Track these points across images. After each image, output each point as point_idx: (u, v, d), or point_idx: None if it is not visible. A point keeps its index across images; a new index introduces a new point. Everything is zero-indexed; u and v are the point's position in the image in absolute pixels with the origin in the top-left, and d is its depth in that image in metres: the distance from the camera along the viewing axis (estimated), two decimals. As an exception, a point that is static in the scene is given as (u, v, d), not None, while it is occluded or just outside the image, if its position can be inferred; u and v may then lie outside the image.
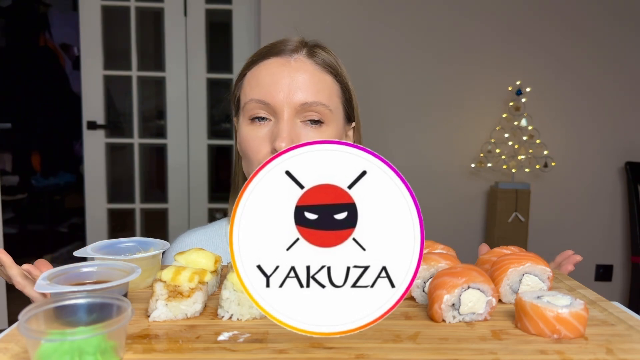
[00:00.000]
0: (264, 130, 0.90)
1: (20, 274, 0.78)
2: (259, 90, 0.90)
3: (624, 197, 2.99)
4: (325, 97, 0.91)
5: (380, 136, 2.86)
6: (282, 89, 0.88)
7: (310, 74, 0.91)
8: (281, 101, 0.88)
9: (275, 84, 0.89)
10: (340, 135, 0.95)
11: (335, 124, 0.93)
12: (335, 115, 0.93)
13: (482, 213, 2.97)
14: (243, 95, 0.94)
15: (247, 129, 0.92)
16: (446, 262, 0.68)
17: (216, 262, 0.70)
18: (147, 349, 0.53)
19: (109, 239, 0.78)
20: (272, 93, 0.88)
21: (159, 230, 3.16)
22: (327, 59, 0.94)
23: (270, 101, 0.88)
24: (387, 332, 0.58)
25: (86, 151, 3.02)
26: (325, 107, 0.90)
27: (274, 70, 0.90)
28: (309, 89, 0.89)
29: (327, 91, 0.92)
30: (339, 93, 0.95)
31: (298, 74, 0.90)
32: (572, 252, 0.94)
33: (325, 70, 0.93)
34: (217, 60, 3.06)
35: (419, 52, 2.86)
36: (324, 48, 0.95)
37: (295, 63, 0.91)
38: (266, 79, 0.90)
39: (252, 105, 0.90)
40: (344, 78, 0.96)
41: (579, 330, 0.57)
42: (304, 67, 0.91)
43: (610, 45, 2.89)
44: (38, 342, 0.46)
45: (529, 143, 2.83)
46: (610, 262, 3.04)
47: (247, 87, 0.93)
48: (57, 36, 4.29)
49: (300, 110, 0.89)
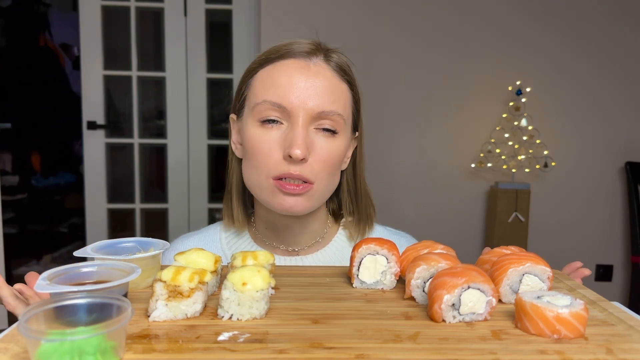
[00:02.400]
0: (275, 134, 0.86)
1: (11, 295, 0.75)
2: (275, 92, 0.86)
3: (624, 197, 2.99)
4: (341, 106, 0.89)
5: (380, 136, 2.86)
6: (300, 93, 0.85)
7: (329, 80, 0.88)
8: (297, 106, 0.85)
9: (292, 87, 0.85)
10: (347, 144, 0.93)
11: (346, 134, 0.91)
12: (347, 125, 0.92)
13: (482, 213, 2.97)
14: (253, 95, 0.90)
15: (256, 131, 0.87)
16: (446, 262, 0.68)
17: (216, 262, 0.71)
18: (147, 349, 0.53)
19: (109, 239, 0.77)
20: (289, 96, 0.85)
21: (159, 230, 3.16)
22: (344, 66, 0.92)
23: (286, 105, 0.85)
24: (387, 332, 0.58)
25: (86, 151, 3.02)
26: (340, 116, 0.88)
27: (291, 72, 0.87)
28: (327, 97, 0.87)
29: (342, 100, 0.90)
30: (351, 102, 0.93)
31: (317, 79, 0.87)
32: (580, 265, 0.91)
33: (342, 78, 0.91)
34: (217, 60, 3.06)
35: (419, 53, 2.85)
36: (341, 53, 0.93)
37: (315, 67, 0.88)
38: (282, 81, 0.86)
39: (265, 106, 0.86)
40: (357, 87, 0.94)
41: (579, 331, 0.57)
42: (322, 73, 0.88)
43: (610, 45, 2.89)
44: (38, 342, 0.46)
45: (529, 143, 2.83)
46: (610, 262, 3.04)
47: (260, 87, 0.89)
48: (57, 36, 4.28)
49: (315, 118, 0.86)
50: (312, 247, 1.00)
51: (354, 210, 1.01)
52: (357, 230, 1.01)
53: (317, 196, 0.89)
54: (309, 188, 0.86)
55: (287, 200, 0.86)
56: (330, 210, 1.04)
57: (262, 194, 0.89)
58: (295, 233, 0.97)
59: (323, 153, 0.87)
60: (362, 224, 1.01)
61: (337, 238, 1.02)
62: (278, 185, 0.86)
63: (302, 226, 0.97)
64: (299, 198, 0.86)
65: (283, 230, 0.97)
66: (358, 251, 0.75)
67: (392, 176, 2.90)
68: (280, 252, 0.99)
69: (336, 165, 0.91)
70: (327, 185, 0.91)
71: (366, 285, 0.74)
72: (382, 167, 2.87)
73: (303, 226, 0.97)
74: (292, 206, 0.87)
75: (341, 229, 1.03)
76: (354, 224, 1.01)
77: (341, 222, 1.04)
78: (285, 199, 0.86)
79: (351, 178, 1.00)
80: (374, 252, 0.75)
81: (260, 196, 0.90)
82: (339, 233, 1.03)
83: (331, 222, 1.03)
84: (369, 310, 0.65)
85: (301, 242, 0.99)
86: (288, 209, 0.87)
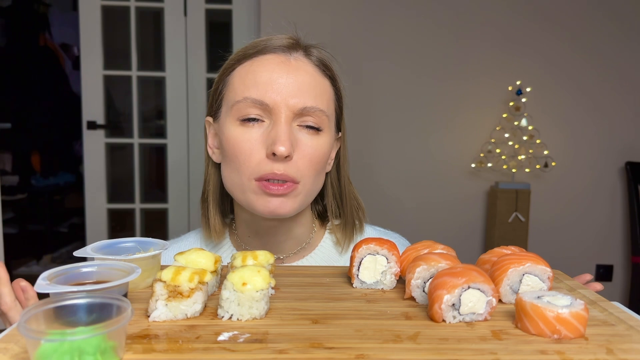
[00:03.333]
0: (257, 133, 0.83)
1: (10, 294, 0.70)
2: (256, 89, 0.82)
3: (624, 197, 2.99)
4: (324, 103, 0.86)
5: (380, 136, 2.86)
6: (281, 89, 0.82)
7: (311, 75, 0.85)
8: (279, 102, 0.82)
9: (273, 83, 0.82)
10: (332, 143, 0.90)
11: (330, 132, 0.88)
12: (331, 122, 0.89)
13: (482, 213, 2.97)
14: (231, 93, 0.86)
15: (236, 130, 0.84)
16: (446, 262, 0.68)
17: (216, 262, 0.70)
18: (147, 349, 0.53)
19: (109, 239, 0.77)
20: (270, 93, 0.82)
21: (159, 230, 3.16)
22: (325, 61, 0.89)
23: (268, 102, 0.82)
24: (387, 332, 0.58)
25: (86, 151, 3.02)
26: (323, 113, 0.85)
27: (271, 67, 0.84)
28: (309, 93, 0.84)
29: (325, 97, 0.87)
30: (334, 99, 0.90)
31: (298, 74, 0.84)
32: (590, 277, 0.87)
33: (324, 74, 0.88)
34: (217, 60, 3.04)
35: (420, 52, 2.85)
36: (322, 48, 0.90)
37: (295, 62, 0.85)
38: (263, 77, 0.83)
39: (245, 104, 0.83)
40: (338, 83, 0.91)
41: (579, 331, 0.57)
42: (304, 68, 0.85)
43: (610, 45, 2.89)
44: (38, 342, 0.46)
45: (529, 143, 2.83)
46: (610, 262, 3.04)
47: (239, 85, 0.85)
48: (57, 36, 4.29)
49: (298, 115, 0.83)
50: (298, 254, 0.96)
51: (340, 214, 0.97)
52: (344, 235, 0.97)
53: (303, 196, 0.86)
54: (294, 188, 0.83)
55: (272, 202, 0.82)
56: (316, 214, 1.00)
57: (245, 197, 0.85)
58: (280, 239, 0.93)
59: (308, 150, 0.84)
60: (348, 228, 0.97)
61: (324, 243, 0.98)
62: (261, 186, 0.82)
63: (287, 230, 0.93)
64: (283, 199, 0.83)
65: (267, 237, 0.93)
66: (358, 251, 0.75)
67: (393, 176, 2.90)
68: None
69: (321, 164, 0.87)
70: (312, 185, 0.87)
71: (366, 285, 0.74)
72: (382, 167, 2.87)
73: (288, 230, 0.93)
74: (277, 208, 0.83)
75: (327, 233, 0.99)
76: (341, 228, 0.97)
77: (327, 225, 1.00)
78: (269, 200, 0.82)
79: (335, 180, 0.96)
80: (374, 252, 0.75)
81: (243, 199, 0.86)
82: (325, 238, 0.99)
83: (317, 226, 0.99)
84: (369, 310, 0.65)
85: (286, 249, 0.95)
86: (273, 211, 0.83)
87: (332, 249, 0.98)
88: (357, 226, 0.98)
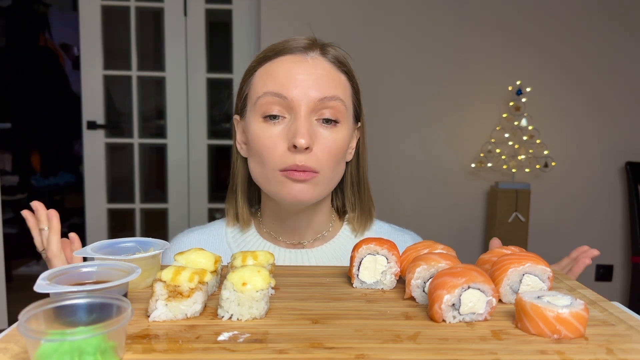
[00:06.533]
0: (278, 128, 0.88)
1: (57, 243, 0.82)
2: (274, 84, 0.88)
3: (624, 197, 2.99)
4: (341, 92, 0.91)
5: (380, 136, 2.86)
6: (299, 84, 0.88)
7: (327, 71, 0.91)
8: (298, 96, 0.87)
9: (291, 79, 0.88)
10: (350, 134, 0.95)
11: (347, 122, 0.93)
12: (349, 112, 0.94)
13: (482, 213, 2.97)
14: (254, 91, 0.92)
15: (259, 126, 0.90)
16: (446, 262, 0.68)
17: (216, 262, 0.70)
18: (147, 349, 0.53)
19: (109, 239, 0.77)
20: (289, 87, 0.87)
21: (159, 230, 3.16)
22: (341, 58, 0.94)
23: (287, 94, 0.87)
24: (387, 332, 0.58)
25: (86, 151, 3.02)
26: (341, 102, 0.90)
27: (289, 65, 0.90)
28: (326, 84, 0.89)
29: (342, 87, 0.92)
30: (351, 91, 0.96)
31: (315, 70, 0.89)
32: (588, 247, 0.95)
33: (340, 69, 0.93)
34: (217, 60, 3.06)
35: (419, 52, 2.86)
36: (337, 47, 0.96)
37: (312, 60, 0.91)
38: (281, 74, 0.89)
39: (266, 99, 0.89)
40: (355, 78, 0.97)
41: (579, 331, 0.57)
42: (320, 65, 0.91)
43: (610, 45, 2.89)
44: (38, 342, 0.46)
45: (529, 143, 2.83)
46: (610, 262, 3.04)
47: (260, 82, 0.91)
48: (57, 36, 4.29)
49: (316, 107, 0.88)
50: (318, 241, 1.02)
51: (356, 203, 1.04)
52: (360, 224, 1.04)
53: (323, 184, 0.91)
54: (315, 176, 0.89)
55: (294, 188, 0.88)
56: (335, 208, 1.07)
57: (270, 186, 0.91)
58: (302, 225, 1.00)
59: (327, 143, 0.89)
60: (363, 218, 1.04)
61: (342, 233, 1.05)
62: (285, 174, 0.88)
63: (309, 218, 0.99)
64: (304, 186, 0.88)
65: (290, 223, 0.99)
66: (358, 251, 0.75)
67: (393, 176, 2.90)
68: (286, 245, 1.01)
69: (340, 155, 0.93)
70: (332, 174, 0.93)
71: (366, 285, 0.74)
72: (383, 166, 2.87)
73: (309, 218, 0.99)
74: (299, 194, 0.88)
75: (345, 224, 1.06)
76: (357, 218, 1.05)
77: (345, 217, 1.07)
78: (292, 186, 0.88)
79: (355, 170, 1.03)
80: (374, 252, 0.75)
81: (269, 189, 0.92)
82: (344, 228, 1.06)
83: (335, 219, 1.06)
84: (369, 310, 0.65)
85: (307, 235, 1.01)
86: (295, 197, 0.89)
87: (350, 237, 1.05)
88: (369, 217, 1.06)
